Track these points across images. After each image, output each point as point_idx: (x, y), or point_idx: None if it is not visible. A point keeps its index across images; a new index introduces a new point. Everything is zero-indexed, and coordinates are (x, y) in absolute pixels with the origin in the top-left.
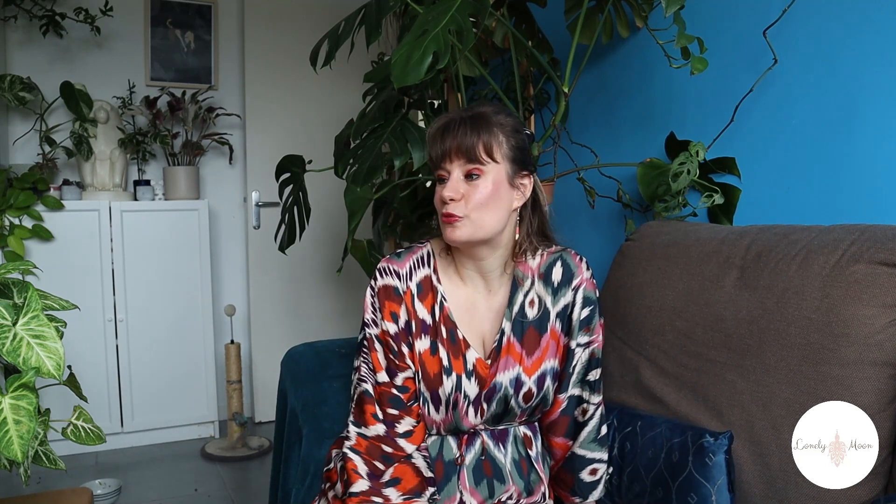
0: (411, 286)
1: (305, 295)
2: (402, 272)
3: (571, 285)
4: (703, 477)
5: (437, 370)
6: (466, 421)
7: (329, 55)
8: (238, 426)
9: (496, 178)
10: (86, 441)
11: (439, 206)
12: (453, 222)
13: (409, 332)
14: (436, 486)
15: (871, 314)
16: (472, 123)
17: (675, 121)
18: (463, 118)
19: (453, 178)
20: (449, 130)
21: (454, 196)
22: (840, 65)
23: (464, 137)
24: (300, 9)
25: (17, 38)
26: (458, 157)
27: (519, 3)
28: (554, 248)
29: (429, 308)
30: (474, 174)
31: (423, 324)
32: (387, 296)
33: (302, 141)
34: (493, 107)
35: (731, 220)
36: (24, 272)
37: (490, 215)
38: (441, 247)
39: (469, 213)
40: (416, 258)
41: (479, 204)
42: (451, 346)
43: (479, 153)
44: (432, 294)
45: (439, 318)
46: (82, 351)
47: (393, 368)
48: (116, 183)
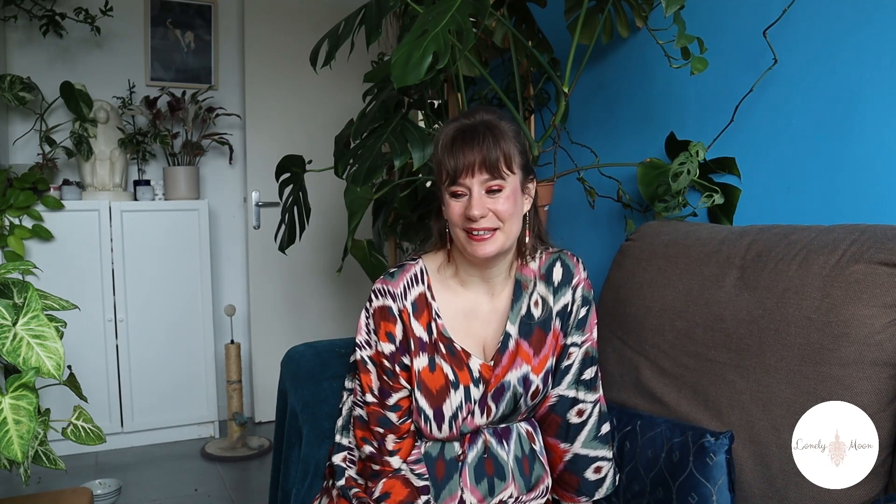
0: (407, 305)
1: (305, 295)
2: (396, 292)
3: (571, 285)
4: (703, 477)
5: (441, 385)
6: (471, 422)
7: (329, 55)
8: (238, 426)
9: (514, 188)
10: (86, 441)
11: (461, 223)
12: (483, 240)
13: (405, 350)
14: (430, 493)
15: (871, 314)
16: (493, 133)
17: (675, 121)
18: (477, 128)
19: (476, 195)
20: (467, 142)
21: (484, 213)
22: (840, 65)
23: (488, 152)
24: (300, 9)
25: (17, 38)
26: (480, 172)
27: (519, 3)
28: (551, 250)
29: (425, 325)
30: (496, 189)
31: (420, 342)
32: (383, 316)
33: (302, 141)
34: (495, 113)
35: (731, 220)
36: (24, 272)
37: (514, 226)
38: (438, 262)
39: (499, 228)
40: (409, 277)
41: (505, 218)
42: (452, 359)
43: (502, 168)
44: (427, 311)
45: (436, 335)
46: (82, 351)
47: (386, 389)
48: (116, 183)
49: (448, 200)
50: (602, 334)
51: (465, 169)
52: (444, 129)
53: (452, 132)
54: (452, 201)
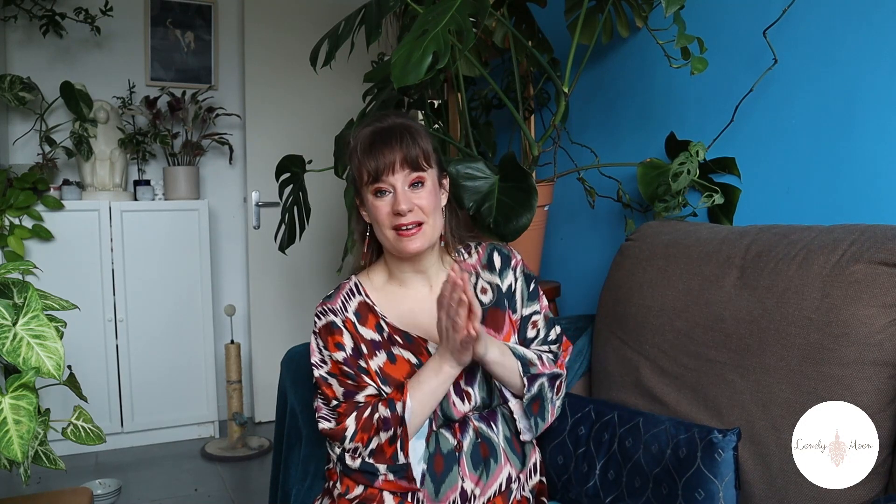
0: (349, 316)
1: (305, 295)
2: (336, 307)
3: (510, 266)
4: (711, 473)
5: (407, 372)
6: (456, 410)
7: (329, 55)
8: (238, 426)
9: (433, 182)
10: (86, 441)
11: (388, 220)
12: (412, 234)
13: (359, 355)
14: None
15: (871, 314)
16: (409, 132)
17: (675, 121)
18: (393, 129)
19: (400, 191)
20: (386, 142)
21: (410, 207)
22: (840, 65)
23: (409, 148)
24: (300, 9)
25: (17, 38)
26: (402, 168)
27: (519, 3)
28: (485, 243)
29: (374, 328)
30: (419, 182)
31: (372, 343)
32: (328, 332)
33: (302, 141)
34: (403, 114)
35: (731, 220)
36: (24, 272)
37: (437, 219)
38: (369, 272)
39: (424, 221)
40: (345, 292)
41: (429, 211)
42: (411, 346)
43: (422, 162)
44: (372, 315)
45: (388, 333)
46: (82, 351)
47: (352, 391)
48: (116, 183)
49: (372, 201)
50: (602, 334)
51: (388, 167)
52: (358, 134)
53: (370, 135)
54: (377, 201)
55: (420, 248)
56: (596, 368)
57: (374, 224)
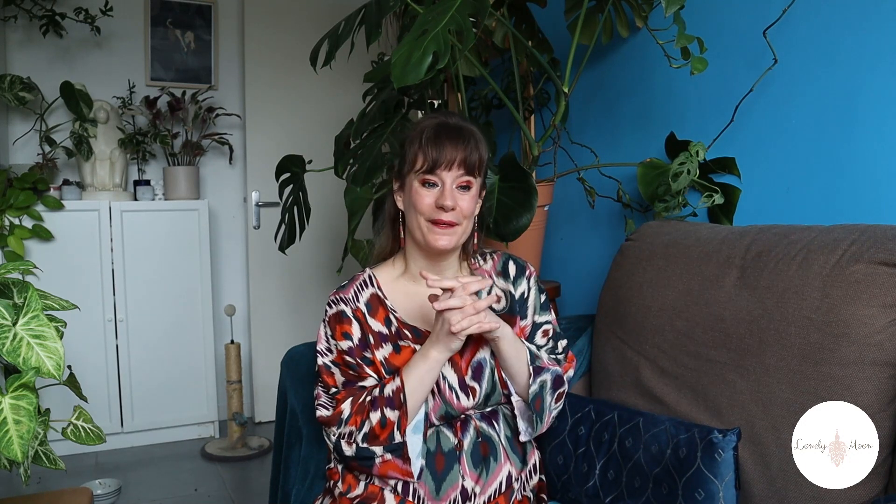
0: (360, 306)
1: (305, 295)
2: (348, 297)
3: (525, 275)
4: (711, 473)
5: None
6: (458, 405)
7: (329, 55)
8: (238, 426)
9: (476, 190)
10: (86, 441)
11: (428, 212)
12: (445, 230)
13: (365, 346)
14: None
15: (871, 314)
16: (474, 137)
17: (675, 121)
18: (462, 129)
19: (448, 187)
20: (451, 138)
21: (454, 206)
22: (840, 65)
23: (471, 151)
24: (300, 9)
25: (17, 38)
26: (459, 167)
27: (519, 3)
28: (499, 252)
29: (382, 321)
30: (467, 186)
31: (380, 335)
32: (338, 321)
33: (302, 141)
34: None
35: (731, 220)
36: (24, 272)
37: (469, 225)
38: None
39: (459, 224)
40: (359, 283)
41: (468, 214)
42: (418, 339)
43: (477, 168)
44: (382, 308)
45: (397, 327)
46: (82, 351)
47: (353, 381)
48: (116, 183)
49: (417, 188)
50: (602, 334)
51: (446, 162)
52: (422, 123)
53: (436, 127)
54: (423, 189)
55: (447, 245)
56: (596, 368)
57: (410, 211)
